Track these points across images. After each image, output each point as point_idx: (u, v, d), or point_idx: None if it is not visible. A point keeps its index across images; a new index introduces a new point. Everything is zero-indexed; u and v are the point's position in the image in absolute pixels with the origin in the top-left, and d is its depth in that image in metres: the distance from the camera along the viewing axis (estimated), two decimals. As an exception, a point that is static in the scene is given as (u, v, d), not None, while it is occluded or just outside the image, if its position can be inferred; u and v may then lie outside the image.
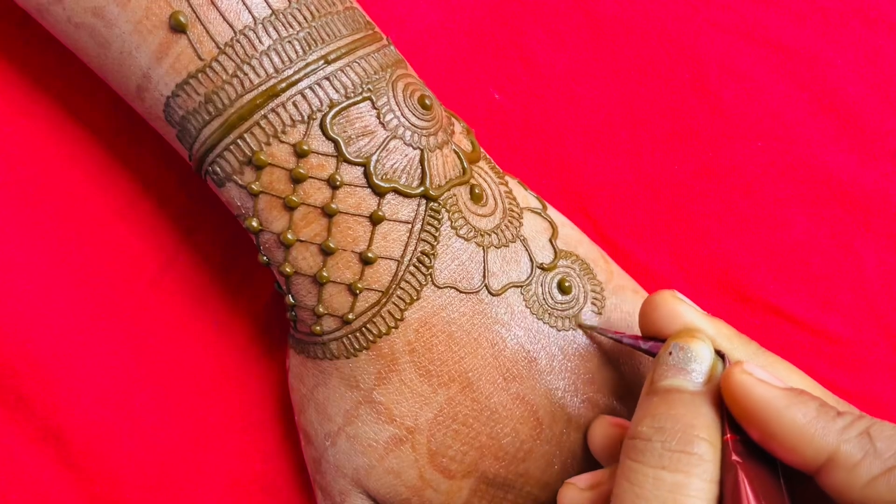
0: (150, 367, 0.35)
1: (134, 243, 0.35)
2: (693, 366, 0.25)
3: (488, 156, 0.32)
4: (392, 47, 0.30)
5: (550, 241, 0.31)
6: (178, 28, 0.27)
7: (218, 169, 0.28)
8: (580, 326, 0.30)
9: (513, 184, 0.32)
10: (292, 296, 0.29)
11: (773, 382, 0.24)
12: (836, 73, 0.36)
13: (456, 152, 0.29)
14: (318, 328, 0.29)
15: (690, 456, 0.23)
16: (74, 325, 0.34)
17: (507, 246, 0.30)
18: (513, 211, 0.31)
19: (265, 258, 0.29)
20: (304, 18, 0.27)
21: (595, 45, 0.36)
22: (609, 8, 0.36)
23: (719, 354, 0.26)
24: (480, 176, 0.30)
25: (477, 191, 0.30)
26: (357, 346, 0.29)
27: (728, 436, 0.24)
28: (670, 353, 0.26)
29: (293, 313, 0.30)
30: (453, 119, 0.31)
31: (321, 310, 0.29)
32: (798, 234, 0.36)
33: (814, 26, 0.36)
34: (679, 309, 0.28)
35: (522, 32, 0.36)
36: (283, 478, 0.36)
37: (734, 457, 0.24)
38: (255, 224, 0.28)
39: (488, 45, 0.36)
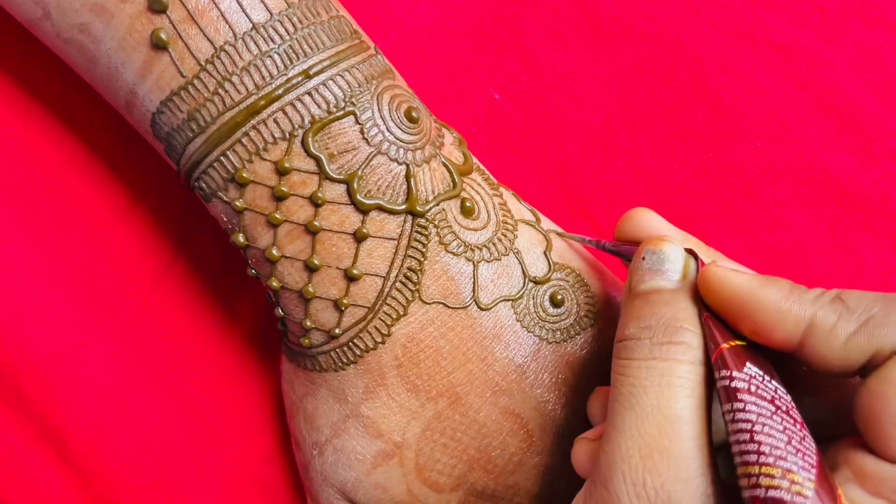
0: (150, 368, 0.35)
1: (133, 245, 0.35)
2: (667, 265, 0.26)
3: (482, 167, 0.31)
4: (380, 56, 0.29)
5: (545, 253, 0.31)
6: (159, 45, 0.26)
7: (204, 185, 0.28)
8: (555, 233, 0.31)
9: (507, 195, 0.31)
10: (281, 308, 0.29)
11: (746, 272, 0.26)
12: (836, 73, 0.36)
13: (445, 165, 0.29)
14: (306, 341, 0.29)
15: (678, 345, 0.24)
16: (74, 325, 0.34)
17: (500, 259, 0.30)
18: (507, 223, 0.30)
19: (253, 271, 0.29)
20: (286, 31, 0.27)
21: (595, 45, 0.36)
22: (609, 8, 0.36)
23: (691, 254, 0.27)
24: (472, 188, 0.30)
25: (468, 204, 0.29)
26: (345, 361, 0.29)
27: (706, 314, 0.25)
28: (643, 259, 0.27)
29: (283, 325, 0.30)
30: (444, 130, 0.30)
31: (309, 324, 0.29)
32: (798, 234, 0.36)
33: (814, 26, 0.36)
34: (650, 218, 0.29)
35: (522, 32, 0.36)
36: (283, 479, 0.36)
37: (705, 313, 0.25)
38: (241, 239, 0.28)
39: (488, 45, 0.36)
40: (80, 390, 0.34)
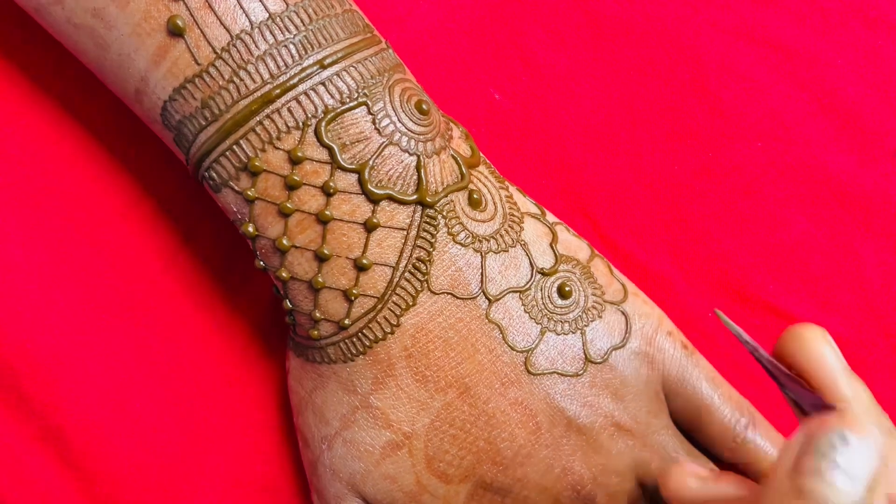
0: (151, 367, 0.35)
1: (135, 244, 0.35)
2: (858, 472, 0.20)
3: (488, 161, 0.32)
4: (390, 51, 0.30)
5: (551, 245, 0.31)
6: (175, 32, 0.27)
7: (214, 174, 0.28)
8: (720, 317, 0.25)
9: (512, 189, 0.31)
10: (290, 300, 0.29)
11: None
12: (836, 73, 0.36)
13: (454, 157, 0.29)
14: (315, 333, 0.29)
15: None
16: (75, 325, 0.34)
17: (507, 251, 0.30)
18: (513, 215, 0.30)
19: (262, 263, 0.29)
20: (302, 22, 0.27)
21: (595, 45, 0.36)
22: (609, 8, 0.36)
23: None
24: (480, 181, 0.30)
25: (475, 196, 0.29)
26: (354, 352, 0.29)
27: None
28: (834, 443, 0.20)
29: (291, 317, 0.30)
30: (452, 124, 0.31)
31: (318, 315, 0.29)
32: (798, 234, 0.36)
33: (814, 26, 0.36)
34: (826, 357, 0.23)
35: (522, 32, 0.36)
36: (284, 479, 0.36)
37: None
38: (251, 230, 0.28)
39: (488, 45, 0.36)
40: (80, 390, 0.34)
